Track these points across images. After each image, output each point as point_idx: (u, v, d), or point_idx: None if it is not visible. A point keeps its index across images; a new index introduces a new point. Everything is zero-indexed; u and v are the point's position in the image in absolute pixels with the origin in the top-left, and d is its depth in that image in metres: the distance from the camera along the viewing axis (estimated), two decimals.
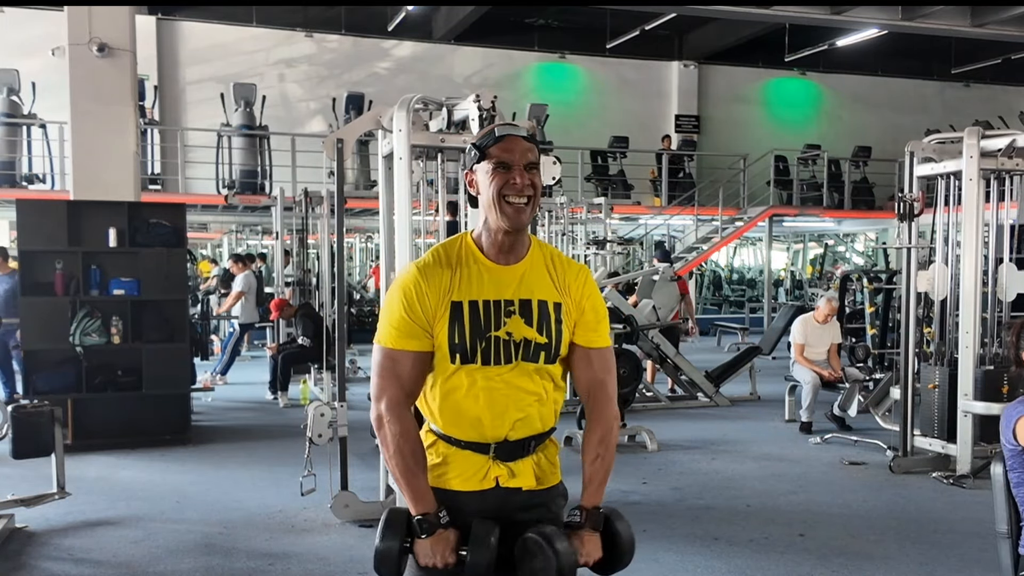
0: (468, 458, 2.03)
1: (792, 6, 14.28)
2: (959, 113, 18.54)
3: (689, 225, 16.25)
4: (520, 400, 2.02)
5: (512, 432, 2.02)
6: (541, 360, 2.03)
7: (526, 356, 2.01)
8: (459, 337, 1.98)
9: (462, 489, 2.03)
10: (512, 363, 2.00)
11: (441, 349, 1.99)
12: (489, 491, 2.03)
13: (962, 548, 4.60)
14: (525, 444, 2.05)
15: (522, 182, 1.97)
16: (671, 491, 5.76)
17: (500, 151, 1.98)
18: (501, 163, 1.98)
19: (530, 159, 1.99)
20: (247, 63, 16.03)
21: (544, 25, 17.82)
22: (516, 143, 1.99)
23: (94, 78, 7.39)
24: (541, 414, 2.06)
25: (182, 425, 7.21)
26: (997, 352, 6.10)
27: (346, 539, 4.73)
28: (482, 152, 2.00)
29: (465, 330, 1.98)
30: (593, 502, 2.06)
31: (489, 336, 1.99)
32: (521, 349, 2.01)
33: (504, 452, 2.03)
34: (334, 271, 8.26)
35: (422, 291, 1.99)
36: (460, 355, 1.98)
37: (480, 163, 2.01)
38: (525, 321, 2.01)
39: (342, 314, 5.72)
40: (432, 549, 1.95)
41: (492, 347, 1.99)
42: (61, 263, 6.90)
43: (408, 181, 4.71)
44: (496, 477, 2.03)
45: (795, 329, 8.04)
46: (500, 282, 2.02)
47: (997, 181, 6.20)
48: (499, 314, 2.00)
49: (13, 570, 4.27)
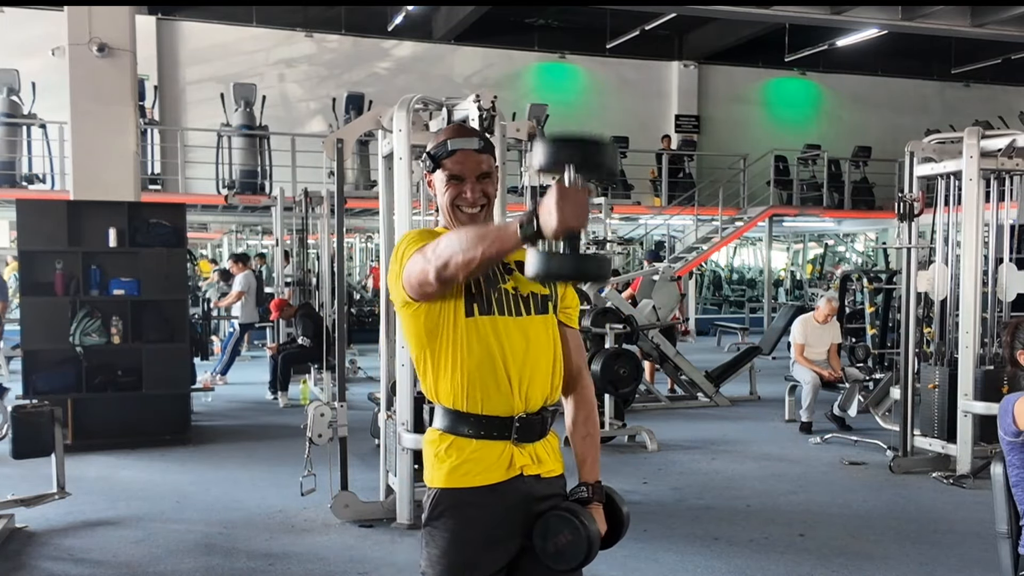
0: (488, 447, 2.02)
1: (792, 6, 14.28)
2: (959, 113, 18.54)
3: (689, 225, 16.24)
4: (540, 352, 2.04)
5: (533, 389, 2.03)
6: (549, 309, 2.09)
7: (537, 308, 2.06)
8: (475, 287, 2.00)
9: (486, 483, 2.01)
10: (524, 315, 2.03)
11: (457, 304, 1.99)
12: (515, 480, 2.03)
13: (962, 548, 4.60)
14: (543, 420, 2.07)
15: (474, 196, 2.02)
16: (671, 491, 5.76)
17: (453, 164, 2.02)
18: (454, 176, 2.02)
19: (483, 170, 2.03)
20: (247, 63, 16.04)
21: (544, 25, 17.82)
22: (469, 156, 2.02)
23: (94, 78, 7.39)
24: (552, 375, 2.08)
25: (182, 425, 7.21)
26: (997, 352, 6.10)
27: (346, 539, 4.73)
28: (436, 162, 2.04)
29: (480, 280, 2.00)
30: (594, 476, 2.14)
31: (500, 287, 2.03)
32: (531, 302, 2.05)
33: (525, 430, 2.03)
34: (334, 271, 8.26)
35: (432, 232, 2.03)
36: (477, 305, 2.00)
37: (435, 172, 2.05)
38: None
39: (342, 314, 5.72)
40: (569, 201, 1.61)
41: (504, 298, 2.03)
42: (61, 263, 6.90)
43: (408, 181, 4.71)
44: (521, 466, 2.04)
45: (795, 329, 8.04)
46: None
47: (997, 181, 6.21)
48: (501, 272, 2.05)
49: (13, 570, 4.27)
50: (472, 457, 2.02)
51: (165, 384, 7.07)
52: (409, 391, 4.63)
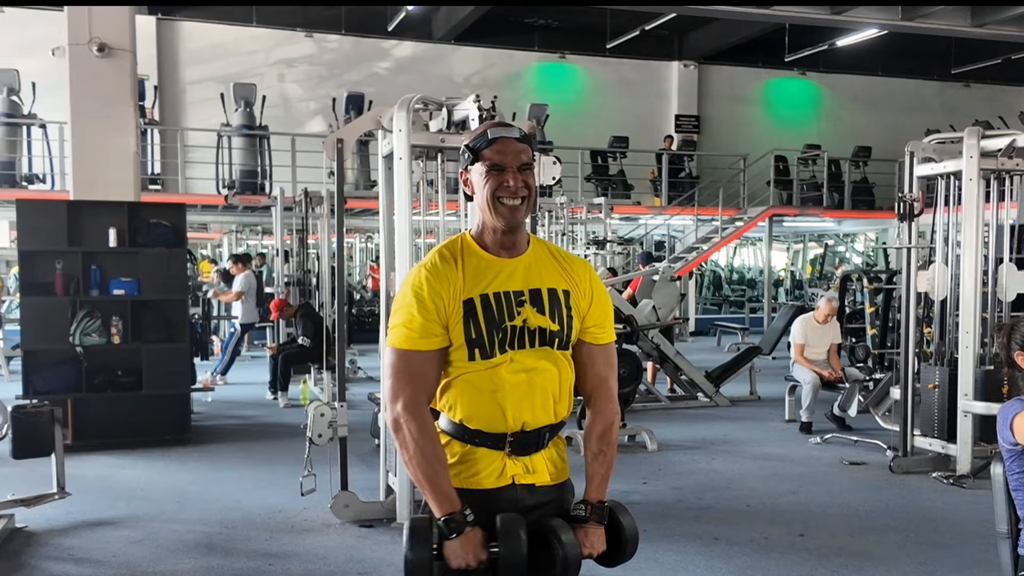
0: (484, 455, 2.02)
1: (792, 6, 14.28)
2: (959, 113, 18.53)
3: (689, 225, 16.24)
4: (541, 387, 2.03)
5: (531, 419, 2.02)
6: (556, 346, 2.05)
7: (542, 342, 2.03)
8: (475, 332, 1.98)
9: (478, 487, 2.02)
10: (528, 348, 2.01)
11: (458, 345, 1.99)
12: (505, 488, 2.03)
13: (962, 548, 4.60)
14: (540, 436, 2.05)
15: (516, 184, 1.98)
16: (671, 491, 5.76)
17: (493, 153, 1.99)
18: (495, 165, 1.98)
19: (523, 160, 2.00)
20: (247, 63, 16.04)
21: (544, 25, 17.82)
22: (509, 145, 1.99)
23: (94, 78, 7.38)
24: (557, 398, 2.06)
25: (182, 425, 7.21)
26: (997, 352, 6.09)
27: (346, 539, 4.73)
28: (475, 154, 2.01)
29: (481, 325, 1.98)
30: (597, 496, 2.08)
31: (505, 327, 2.00)
32: (536, 337, 2.02)
33: (520, 445, 2.03)
34: (334, 271, 8.26)
35: (434, 290, 1.98)
36: (479, 350, 1.99)
37: (474, 164, 2.02)
38: (537, 310, 2.03)
39: (342, 314, 5.72)
40: (463, 549, 1.92)
41: (508, 336, 2.00)
42: (61, 263, 6.90)
43: (408, 181, 4.71)
44: (512, 475, 2.03)
45: (795, 329, 8.04)
46: (507, 274, 2.03)
47: (997, 181, 6.20)
48: (511, 305, 2.01)
49: (13, 570, 4.27)
50: (465, 460, 2.03)
51: (165, 384, 7.07)
52: None
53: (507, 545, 1.91)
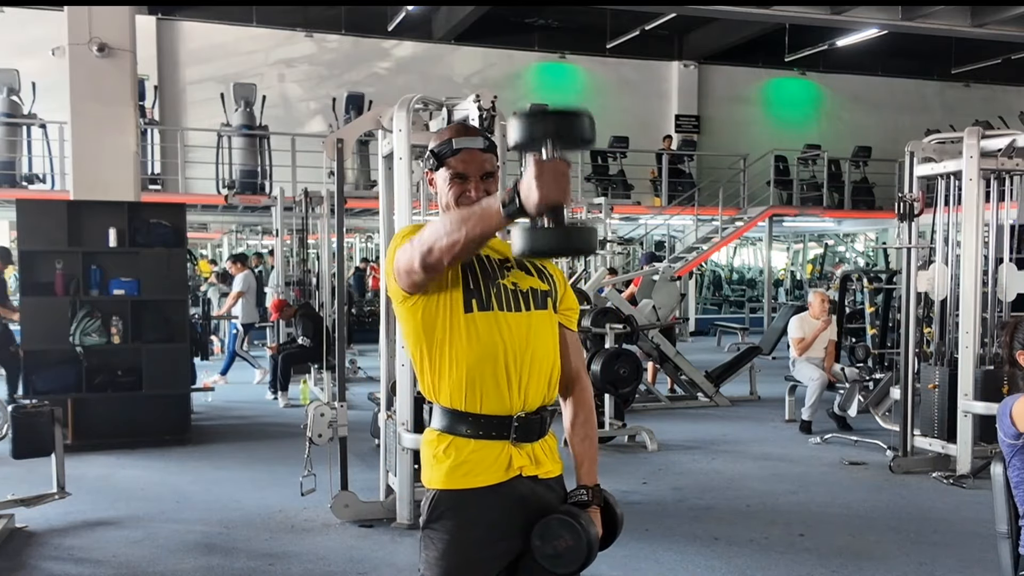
0: (487, 448, 2.00)
1: (792, 6, 14.29)
2: (959, 113, 18.55)
3: (689, 225, 16.25)
4: (535, 350, 2.02)
5: (534, 390, 2.02)
6: (548, 305, 2.07)
7: (536, 304, 2.05)
8: (472, 282, 1.99)
9: (485, 484, 1.99)
10: (524, 311, 2.02)
11: (454, 299, 1.97)
12: (513, 482, 2.01)
13: (962, 548, 4.60)
14: (542, 420, 2.06)
15: (477, 195, 1.99)
16: (671, 491, 5.76)
17: (457, 163, 2.00)
18: (458, 174, 2.00)
19: (487, 169, 2.02)
20: (247, 63, 16.04)
21: (544, 25, 17.83)
22: (473, 156, 2.01)
23: (94, 78, 7.39)
24: (550, 375, 2.07)
25: (182, 425, 7.21)
26: (997, 352, 6.09)
27: (346, 539, 4.73)
28: (440, 160, 2.02)
29: (478, 275, 2.00)
30: (593, 479, 2.14)
31: (499, 283, 2.02)
32: (531, 297, 2.04)
33: (523, 430, 2.02)
34: (334, 271, 8.26)
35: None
36: (476, 300, 1.98)
37: (438, 170, 2.03)
38: (525, 272, 2.07)
39: (342, 314, 5.72)
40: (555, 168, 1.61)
41: (503, 293, 2.01)
42: (61, 263, 6.90)
43: (408, 181, 4.71)
44: (520, 467, 2.02)
45: (792, 326, 8.02)
46: (488, 247, 2.06)
47: (997, 181, 6.20)
48: (500, 268, 2.05)
49: (13, 570, 4.27)
50: (471, 458, 2.00)
51: (165, 384, 7.07)
52: (409, 391, 4.63)
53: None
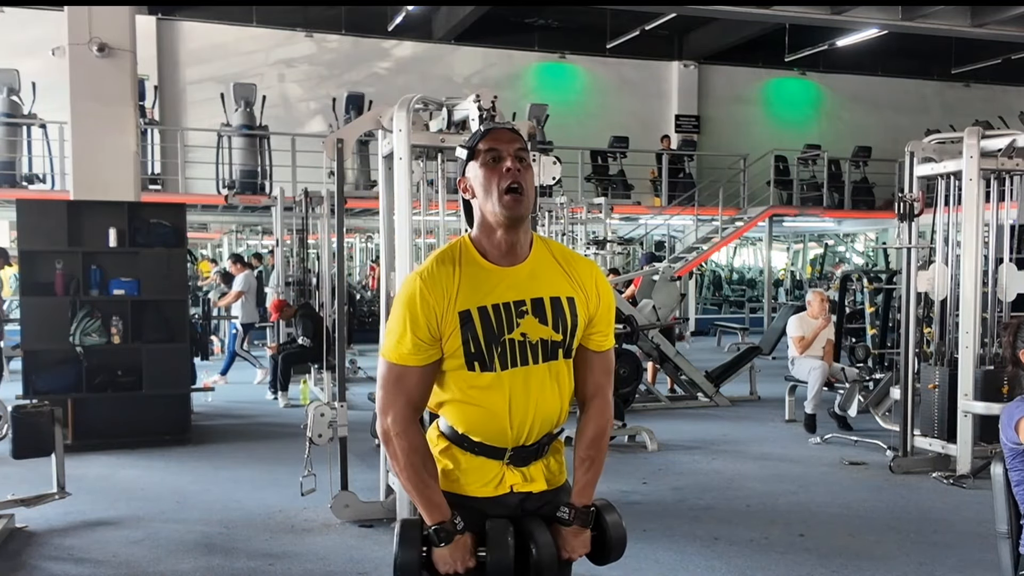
0: (483, 465, 2.03)
1: (792, 6, 14.28)
2: (959, 113, 18.54)
3: (689, 225, 16.24)
4: (543, 401, 2.02)
5: (532, 434, 2.02)
6: (560, 356, 2.02)
7: (545, 356, 2.00)
8: (474, 346, 1.95)
9: (475, 495, 2.03)
10: (531, 364, 1.99)
11: (457, 359, 1.97)
12: (503, 496, 2.04)
13: (962, 548, 4.60)
14: (540, 447, 2.06)
15: (514, 167, 1.95)
16: (671, 491, 5.76)
17: (488, 142, 1.98)
18: (491, 151, 1.97)
19: (518, 146, 1.99)
20: (247, 63, 16.04)
21: (544, 25, 17.82)
22: (502, 133, 2.00)
23: (94, 78, 7.38)
24: (559, 412, 2.07)
25: (182, 425, 7.21)
26: (997, 352, 6.10)
27: (346, 539, 4.73)
28: (471, 151, 2.00)
29: (479, 337, 1.95)
30: (582, 501, 2.08)
31: (504, 340, 1.96)
32: (540, 349, 1.99)
33: (519, 457, 2.04)
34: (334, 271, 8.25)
35: (428, 304, 1.94)
36: (478, 363, 1.97)
37: (471, 162, 2.00)
38: (539, 320, 1.99)
39: (342, 314, 5.72)
40: (452, 556, 1.96)
41: (508, 350, 1.97)
42: (61, 263, 6.90)
43: (408, 181, 4.71)
44: (511, 485, 2.04)
45: (792, 326, 8.01)
46: (507, 284, 1.99)
47: (997, 181, 6.20)
48: (511, 316, 1.97)
49: (13, 570, 4.27)
50: (465, 467, 2.04)
51: (165, 384, 7.07)
52: None
53: (494, 552, 1.94)
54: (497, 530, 1.97)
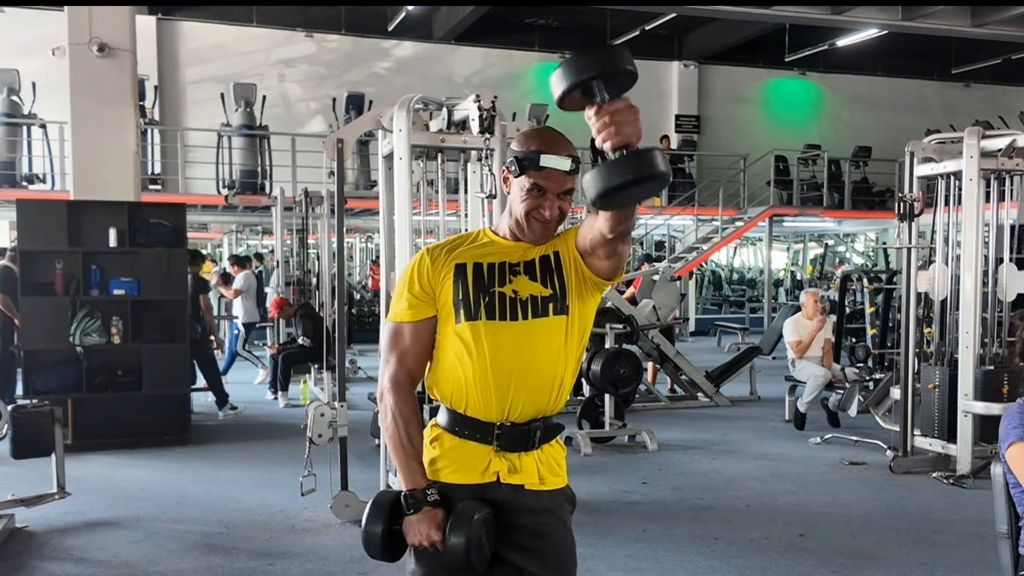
0: (470, 449, 2.01)
1: (792, 6, 14.27)
2: (959, 113, 18.52)
3: (689, 225, 16.24)
4: (531, 362, 1.99)
5: (524, 401, 1.99)
6: (551, 312, 2.01)
7: (535, 312, 2.00)
8: (463, 292, 2.00)
9: (460, 482, 2.00)
10: (520, 320, 1.99)
11: (446, 308, 2.02)
12: (490, 485, 2.00)
13: (962, 548, 4.60)
14: (531, 432, 2.02)
15: (551, 213, 1.99)
16: (671, 491, 5.76)
17: (539, 178, 1.97)
18: (537, 186, 1.98)
19: (567, 187, 2.00)
20: (247, 63, 16.03)
21: (544, 25, 17.81)
22: (556, 175, 1.97)
23: (94, 78, 7.38)
24: (551, 387, 2.02)
25: (182, 425, 7.21)
26: (997, 352, 6.10)
27: (346, 539, 4.72)
28: (521, 169, 1.98)
29: (469, 286, 2.01)
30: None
31: (493, 291, 2.00)
32: (529, 306, 2.01)
33: (508, 439, 2.00)
34: (334, 271, 8.26)
35: (425, 266, 2.05)
36: (464, 311, 1.99)
37: (518, 177, 1.99)
38: (529, 277, 2.03)
39: (342, 314, 5.72)
40: (417, 527, 1.96)
41: (497, 302, 1.99)
42: (61, 263, 6.90)
43: (408, 181, 4.71)
44: (497, 472, 2.00)
45: (787, 330, 7.99)
46: (509, 252, 2.06)
47: (997, 181, 6.20)
48: (504, 274, 2.03)
49: (13, 570, 4.27)
50: (449, 454, 2.03)
51: (165, 384, 7.07)
52: None
53: (455, 530, 1.92)
54: (465, 507, 1.94)
